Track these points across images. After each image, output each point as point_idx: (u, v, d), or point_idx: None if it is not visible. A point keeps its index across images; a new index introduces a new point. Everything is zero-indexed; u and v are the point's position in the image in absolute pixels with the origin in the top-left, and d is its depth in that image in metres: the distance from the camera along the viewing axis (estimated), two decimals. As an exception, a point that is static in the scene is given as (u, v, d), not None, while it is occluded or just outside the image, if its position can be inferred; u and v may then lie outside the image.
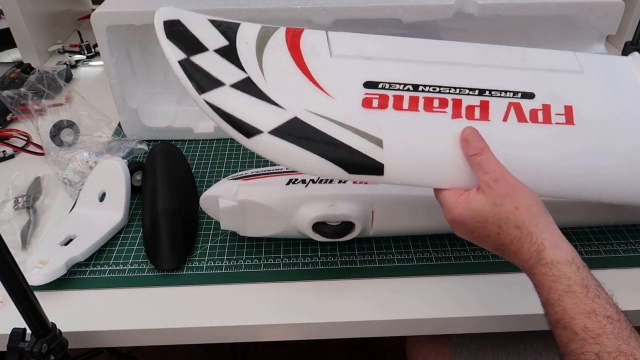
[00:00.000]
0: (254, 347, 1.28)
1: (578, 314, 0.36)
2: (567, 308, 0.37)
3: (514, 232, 0.42)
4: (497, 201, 0.42)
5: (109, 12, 0.70)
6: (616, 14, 0.72)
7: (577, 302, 0.37)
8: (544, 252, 0.40)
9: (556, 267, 0.39)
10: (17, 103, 0.78)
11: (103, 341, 0.55)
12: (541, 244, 0.40)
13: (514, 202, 0.42)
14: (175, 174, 0.69)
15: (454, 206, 0.45)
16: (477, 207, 0.43)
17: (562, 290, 0.38)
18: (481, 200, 0.43)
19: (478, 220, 0.43)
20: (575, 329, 0.36)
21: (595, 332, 0.35)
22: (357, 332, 0.56)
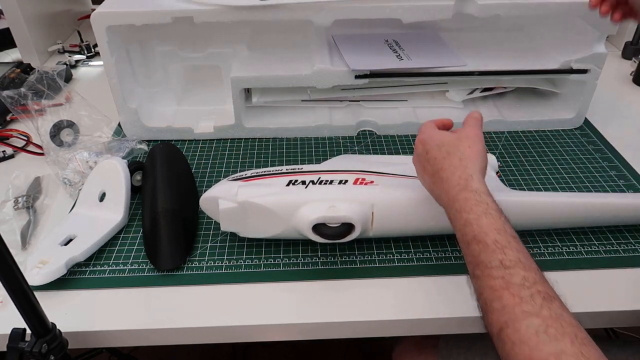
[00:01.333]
0: (254, 347, 1.28)
1: (491, 230, 0.43)
2: (483, 225, 0.44)
3: (456, 161, 0.49)
4: (461, 137, 0.52)
5: (109, 12, 0.70)
6: (616, 13, 0.72)
7: (492, 222, 0.44)
8: (471, 182, 0.47)
9: (479, 194, 0.46)
10: (17, 103, 0.78)
11: (103, 341, 0.55)
12: (471, 176, 0.48)
13: (471, 144, 0.51)
14: (175, 174, 0.69)
15: (429, 130, 0.54)
16: (444, 135, 0.53)
17: (481, 211, 0.45)
18: (450, 135, 0.53)
19: (437, 143, 0.52)
20: (488, 241, 0.42)
21: (502, 245, 0.42)
22: (357, 332, 0.56)
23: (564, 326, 0.36)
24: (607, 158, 0.76)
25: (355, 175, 0.59)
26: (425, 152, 0.52)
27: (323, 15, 0.71)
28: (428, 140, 0.53)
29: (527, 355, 0.35)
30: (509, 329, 0.37)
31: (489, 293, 0.40)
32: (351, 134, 0.83)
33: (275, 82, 0.77)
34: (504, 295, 0.39)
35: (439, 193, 0.51)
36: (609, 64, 1.00)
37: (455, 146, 0.51)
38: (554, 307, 0.37)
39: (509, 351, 0.37)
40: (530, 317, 0.36)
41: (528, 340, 0.36)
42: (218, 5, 0.69)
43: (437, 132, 0.53)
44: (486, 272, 0.41)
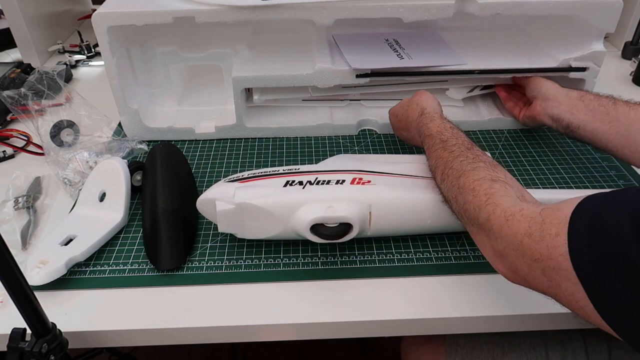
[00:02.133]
0: (254, 347, 1.28)
1: (434, 127, 0.62)
2: (430, 127, 0.62)
3: (414, 107, 0.68)
4: (415, 96, 0.70)
5: (110, 12, 0.70)
6: (614, 12, 0.73)
7: (435, 124, 0.62)
8: (424, 110, 0.66)
9: (429, 114, 0.65)
10: (17, 103, 0.79)
11: (103, 341, 0.55)
12: (424, 108, 0.66)
13: (422, 94, 0.70)
14: (176, 174, 0.69)
15: (394, 107, 0.76)
16: (403, 100, 0.73)
17: (428, 121, 0.63)
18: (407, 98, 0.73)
19: (401, 105, 0.73)
20: (432, 133, 0.61)
21: (441, 131, 0.60)
22: (357, 332, 0.56)
23: (480, 159, 0.53)
24: (607, 158, 0.76)
25: (353, 175, 0.59)
26: (396, 116, 0.74)
27: (324, 15, 0.71)
28: (393, 111, 0.75)
29: (455, 175, 0.53)
30: (446, 170, 0.54)
31: (434, 161, 0.58)
32: (352, 133, 0.83)
33: (277, 81, 0.77)
34: (442, 154, 0.57)
35: (414, 135, 0.68)
36: (608, 64, 1.00)
37: (410, 101, 0.70)
38: (474, 150, 0.56)
39: (448, 185, 0.53)
40: (458, 158, 0.54)
41: (457, 168, 0.53)
42: (219, 5, 0.69)
43: (397, 104, 0.75)
44: (432, 149, 0.59)
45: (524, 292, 0.57)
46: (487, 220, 0.45)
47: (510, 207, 0.44)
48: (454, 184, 0.52)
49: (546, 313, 0.54)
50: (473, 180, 0.49)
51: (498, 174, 0.50)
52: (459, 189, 0.50)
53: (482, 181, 0.49)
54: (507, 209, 0.44)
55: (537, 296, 0.44)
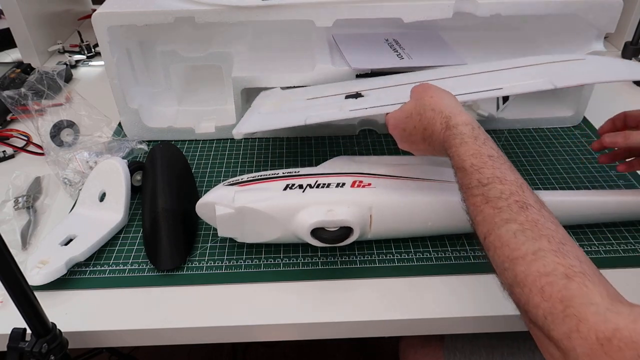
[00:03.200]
0: (254, 347, 1.28)
1: (468, 157, 0.46)
2: (461, 154, 0.47)
3: (430, 114, 0.52)
4: (418, 96, 0.54)
5: (110, 12, 0.70)
6: (614, 12, 0.73)
7: (468, 149, 0.47)
8: (449, 120, 0.50)
9: (456, 128, 0.49)
10: (17, 103, 0.79)
11: (103, 341, 0.55)
12: (447, 116, 0.50)
13: (428, 92, 0.54)
14: (175, 174, 0.69)
15: (391, 116, 0.57)
16: (404, 107, 0.55)
17: (458, 142, 0.48)
18: (408, 102, 0.55)
19: (406, 116, 0.54)
20: (465, 166, 0.46)
21: (478, 166, 0.45)
22: (357, 332, 0.56)
23: (540, 229, 0.39)
24: (608, 158, 0.76)
25: (353, 177, 0.59)
26: (403, 130, 0.55)
27: (324, 15, 0.71)
28: (397, 123, 0.56)
29: (508, 255, 0.39)
30: (491, 236, 0.41)
31: (473, 210, 0.44)
32: (352, 133, 0.83)
33: (277, 82, 0.77)
34: (485, 209, 0.43)
35: (438, 149, 0.53)
36: (609, 64, 1.00)
37: (420, 106, 0.53)
38: (530, 214, 0.40)
39: (493, 255, 0.41)
40: (508, 223, 0.40)
41: (508, 242, 0.39)
42: (219, 5, 0.69)
43: (396, 112, 0.56)
44: (468, 192, 0.45)
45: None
46: (566, 338, 0.34)
47: (601, 325, 0.33)
48: (505, 264, 0.39)
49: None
50: (539, 275, 0.37)
51: (571, 261, 0.37)
52: (515, 277, 0.38)
53: (552, 278, 0.36)
54: (597, 328, 0.33)
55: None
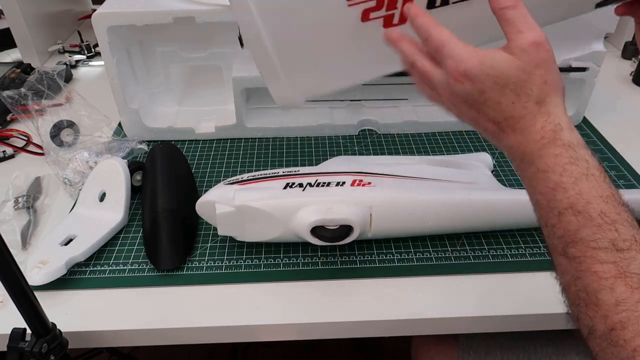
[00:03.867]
0: (254, 347, 1.28)
1: (595, 198, 0.33)
2: (583, 191, 0.34)
3: (532, 107, 0.37)
4: (528, 68, 0.36)
5: (110, 12, 0.70)
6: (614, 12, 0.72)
7: (595, 186, 0.34)
8: (561, 133, 0.36)
9: (574, 149, 0.35)
10: (17, 103, 0.79)
11: (103, 341, 0.55)
12: (558, 125, 0.36)
13: (546, 74, 0.37)
14: (175, 174, 0.69)
15: (470, 57, 0.37)
16: (500, 66, 0.37)
17: (579, 172, 0.34)
18: (509, 61, 0.37)
19: (495, 81, 0.37)
20: (591, 213, 0.33)
21: (611, 218, 0.32)
22: (357, 332, 0.56)
23: None
24: (607, 158, 0.76)
25: (353, 176, 0.59)
26: (479, 93, 0.38)
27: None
28: (479, 74, 0.37)
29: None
30: (627, 330, 0.29)
31: (593, 281, 0.31)
32: (352, 133, 0.83)
33: (276, 82, 0.76)
34: (618, 287, 0.30)
35: (507, 143, 0.39)
36: (608, 64, 1.00)
37: (526, 83, 0.37)
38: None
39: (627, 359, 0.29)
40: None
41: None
42: (219, 5, 0.69)
43: (485, 62, 0.37)
44: (589, 253, 0.32)
45: (525, 292, 0.57)
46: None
47: None
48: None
49: (548, 313, 0.54)
50: None
51: None
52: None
53: None
54: None
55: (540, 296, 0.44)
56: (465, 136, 0.82)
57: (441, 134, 0.83)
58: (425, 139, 0.82)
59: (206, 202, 0.58)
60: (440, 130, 0.84)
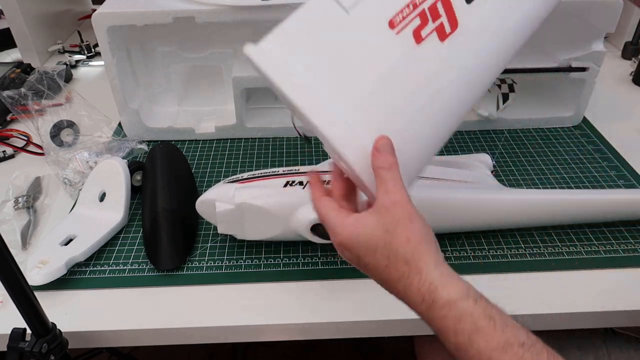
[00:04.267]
0: (254, 347, 1.28)
1: (494, 351, 0.33)
2: (480, 349, 0.34)
3: (403, 267, 0.37)
4: (390, 228, 0.38)
5: (110, 12, 0.70)
6: (614, 12, 0.73)
7: (489, 339, 0.34)
8: (437, 293, 0.36)
9: (455, 306, 0.35)
10: (17, 103, 0.79)
11: (103, 341, 0.55)
12: (432, 284, 0.36)
13: (406, 231, 0.38)
14: (175, 174, 0.69)
15: (342, 228, 0.40)
16: (367, 231, 0.39)
17: (469, 330, 0.34)
18: (373, 223, 0.39)
19: (367, 247, 0.39)
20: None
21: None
22: (357, 332, 0.56)
23: None
24: (607, 158, 0.76)
25: None
26: (357, 259, 0.40)
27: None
28: (351, 242, 0.39)
29: None
30: None
31: None
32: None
33: (276, 82, 0.76)
34: None
35: (403, 301, 0.40)
36: (608, 64, 1.00)
37: (391, 244, 0.38)
38: None
39: None
40: None
41: None
42: (219, 5, 0.69)
43: (354, 230, 0.39)
44: None
45: (524, 292, 0.57)
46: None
47: None
48: None
49: (550, 313, 0.54)
50: None
51: None
52: None
53: None
54: None
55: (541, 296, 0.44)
56: (465, 136, 0.82)
57: (441, 134, 0.83)
58: (425, 139, 0.82)
59: (206, 201, 0.58)
60: (440, 130, 0.84)
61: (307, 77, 0.39)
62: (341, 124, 0.39)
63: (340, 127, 0.39)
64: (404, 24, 0.40)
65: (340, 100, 0.39)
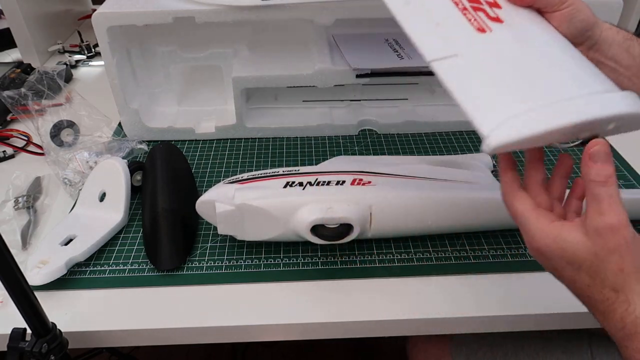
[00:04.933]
0: (254, 347, 1.28)
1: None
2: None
3: (609, 293, 0.35)
4: (602, 255, 0.35)
5: (110, 12, 0.70)
6: (614, 12, 0.72)
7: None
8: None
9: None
10: (17, 103, 0.79)
11: (103, 341, 0.55)
12: (639, 317, 0.34)
13: (621, 261, 0.34)
14: (175, 174, 0.69)
15: (541, 236, 0.37)
16: (572, 248, 0.36)
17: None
18: (580, 242, 0.35)
19: (568, 262, 0.36)
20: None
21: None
22: (357, 332, 0.56)
23: None
24: (608, 158, 0.76)
25: (353, 175, 0.59)
26: (553, 269, 0.38)
27: (324, 15, 0.71)
28: (551, 254, 0.37)
29: None
30: None
31: None
32: (352, 133, 0.83)
33: (276, 82, 0.77)
34: None
35: (594, 314, 0.38)
36: (609, 64, 1.00)
37: (599, 269, 0.35)
38: None
39: None
40: None
41: None
42: (219, 5, 0.69)
43: (556, 242, 0.37)
44: None
45: (525, 292, 0.57)
46: None
47: None
48: None
49: (549, 313, 0.54)
50: None
51: None
52: None
53: None
54: None
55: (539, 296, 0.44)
56: (465, 136, 0.82)
57: (441, 134, 0.83)
58: (425, 139, 0.82)
59: (206, 201, 0.58)
60: (440, 130, 0.84)
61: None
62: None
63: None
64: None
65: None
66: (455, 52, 0.41)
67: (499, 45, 0.42)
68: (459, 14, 0.44)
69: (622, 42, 0.46)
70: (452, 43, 0.42)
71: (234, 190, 0.57)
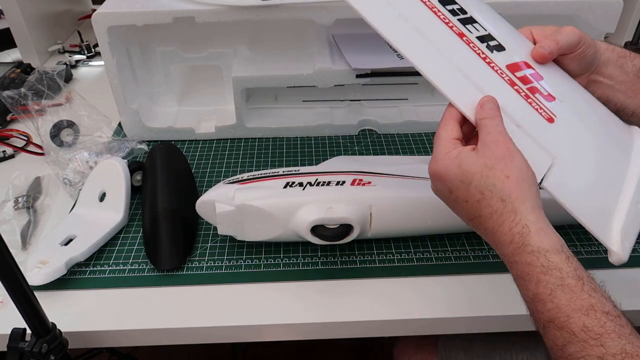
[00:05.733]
0: (254, 347, 1.28)
1: (575, 312, 0.32)
2: (561, 305, 0.32)
3: (497, 204, 0.37)
4: (489, 163, 0.38)
5: (110, 12, 0.70)
6: (614, 12, 0.73)
7: (573, 298, 0.32)
8: (529, 237, 0.35)
9: (544, 256, 0.34)
10: (17, 103, 0.79)
11: (103, 341, 0.55)
12: (526, 226, 0.35)
13: (505, 168, 0.37)
14: (175, 174, 0.69)
15: (442, 157, 0.40)
16: (465, 164, 0.39)
17: (553, 284, 0.33)
18: (472, 158, 0.39)
19: (461, 180, 0.39)
20: (573, 328, 0.32)
21: (596, 332, 0.31)
22: (357, 332, 0.56)
23: None
24: (608, 158, 0.76)
25: (353, 176, 0.59)
26: (449, 192, 0.40)
27: (324, 15, 0.71)
28: (444, 173, 0.40)
29: None
30: None
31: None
32: (352, 133, 0.83)
33: (276, 82, 0.77)
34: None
35: (487, 240, 0.40)
36: (609, 64, 1.00)
37: (487, 179, 0.37)
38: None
39: None
40: None
41: None
42: (219, 5, 0.69)
43: (454, 162, 0.39)
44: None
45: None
46: None
47: None
48: None
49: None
50: None
51: None
52: None
53: None
54: None
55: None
56: (465, 136, 0.82)
57: (441, 134, 0.83)
58: (425, 139, 0.82)
59: (206, 202, 0.58)
60: (440, 130, 0.84)
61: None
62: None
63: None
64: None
65: None
66: (552, 156, 0.43)
67: (574, 138, 0.46)
68: (530, 108, 0.45)
69: (616, 60, 0.50)
70: (545, 145, 0.43)
71: (234, 191, 0.57)
